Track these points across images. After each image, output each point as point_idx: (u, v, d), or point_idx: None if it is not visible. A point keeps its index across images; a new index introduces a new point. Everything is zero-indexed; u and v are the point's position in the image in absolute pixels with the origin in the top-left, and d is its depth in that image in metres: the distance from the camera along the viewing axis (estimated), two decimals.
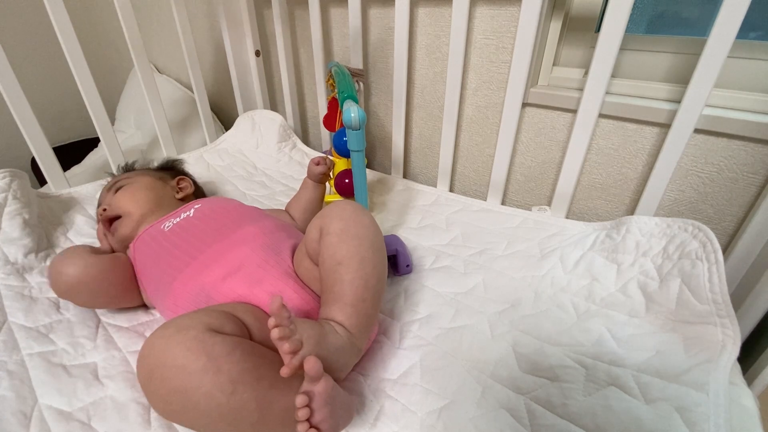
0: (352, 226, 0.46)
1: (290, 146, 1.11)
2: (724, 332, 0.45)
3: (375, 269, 0.45)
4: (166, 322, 0.39)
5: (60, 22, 0.79)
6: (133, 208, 0.64)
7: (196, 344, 0.35)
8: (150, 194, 0.67)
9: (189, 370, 0.34)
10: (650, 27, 0.69)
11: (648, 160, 0.67)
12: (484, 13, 0.74)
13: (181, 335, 0.36)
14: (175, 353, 0.35)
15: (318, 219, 0.49)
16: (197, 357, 0.35)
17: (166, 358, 0.35)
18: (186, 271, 0.51)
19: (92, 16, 1.69)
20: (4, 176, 0.69)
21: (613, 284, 0.56)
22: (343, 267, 0.44)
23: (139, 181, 0.69)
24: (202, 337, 0.36)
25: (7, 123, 0.85)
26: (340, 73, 0.69)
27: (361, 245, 0.45)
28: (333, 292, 0.43)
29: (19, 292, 0.58)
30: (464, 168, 0.91)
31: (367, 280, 0.44)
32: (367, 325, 0.45)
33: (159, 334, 0.37)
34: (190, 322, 0.37)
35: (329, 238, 0.45)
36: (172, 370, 0.35)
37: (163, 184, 0.72)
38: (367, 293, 0.44)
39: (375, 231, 0.48)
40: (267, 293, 0.48)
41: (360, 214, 0.48)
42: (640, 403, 0.41)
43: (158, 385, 0.35)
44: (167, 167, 0.82)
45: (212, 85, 1.38)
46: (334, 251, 0.44)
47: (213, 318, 0.39)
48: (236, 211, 0.62)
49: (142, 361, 0.37)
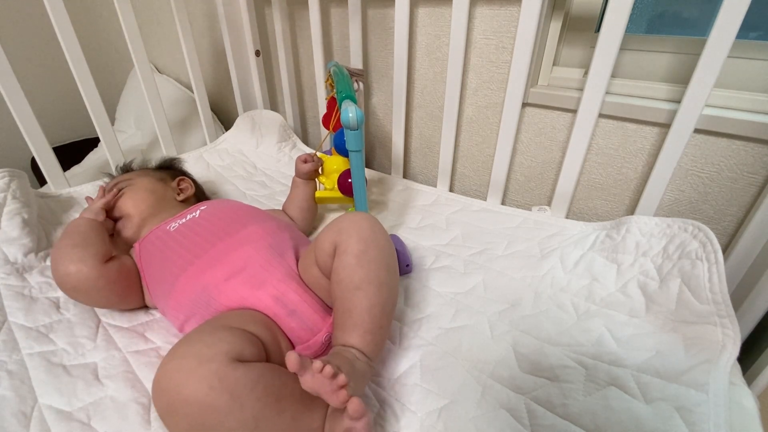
0: (372, 248, 0.45)
1: (290, 146, 1.11)
2: (724, 332, 0.45)
3: (391, 293, 0.46)
4: (183, 348, 0.37)
5: (60, 22, 0.79)
6: (133, 211, 0.64)
7: (218, 381, 0.34)
8: (150, 196, 0.66)
9: (212, 408, 0.33)
10: (650, 27, 0.69)
11: (648, 160, 0.67)
12: (484, 13, 0.74)
13: (203, 369, 0.34)
14: (196, 390, 0.33)
15: (333, 233, 0.47)
16: (220, 395, 0.33)
17: (187, 395, 0.34)
18: (189, 270, 0.52)
19: (92, 16, 1.68)
20: (3, 176, 0.69)
21: (613, 284, 0.56)
22: (361, 292, 0.43)
23: (139, 183, 0.68)
24: (224, 372, 0.35)
25: (7, 123, 0.85)
26: (339, 73, 0.69)
27: (379, 269, 0.45)
28: (352, 317, 0.43)
29: (18, 292, 0.58)
30: (464, 168, 0.91)
31: (384, 305, 0.44)
32: (382, 347, 0.46)
33: (177, 366, 0.35)
34: (210, 353, 0.36)
35: (347, 259, 0.44)
36: (194, 407, 0.33)
37: (164, 185, 0.71)
38: (384, 319, 0.44)
39: (391, 252, 0.48)
40: (270, 296, 0.48)
41: (378, 233, 0.47)
42: (640, 403, 0.41)
43: (179, 420, 0.34)
44: (167, 167, 0.81)
45: (212, 85, 1.38)
46: (352, 274, 0.44)
47: (233, 344, 0.37)
48: (241, 212, 0.62)
49: (161, 393, 0.35)
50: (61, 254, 0.52)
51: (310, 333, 0.48)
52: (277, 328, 0.47)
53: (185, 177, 0.77)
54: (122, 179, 0.70)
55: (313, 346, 0.47)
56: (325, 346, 0.48)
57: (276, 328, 0.47)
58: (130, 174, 0.72)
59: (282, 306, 0.48)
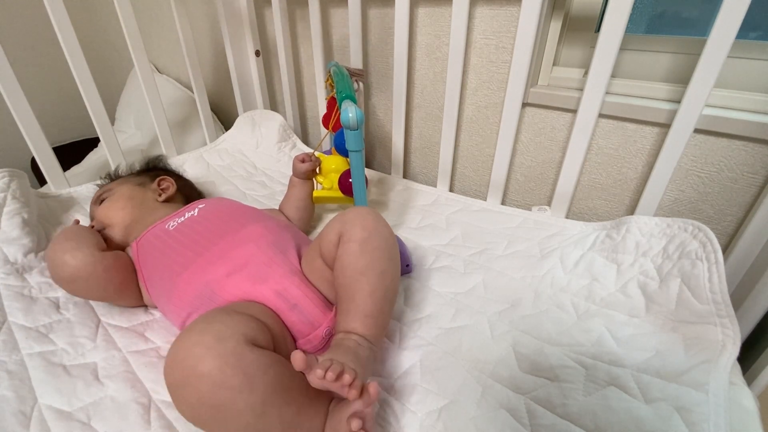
0: (375, 237, 0.47)
1: (290, 146, 1.11)
2: (724, 332, 0.45)
3: (393, 281, 0.47)
4: (202, 325, 0.37)
5: (60, 22, 0.79)
6: (115, 219, 0.64)
7: (235, 359, 0.34)
8: (128, 203, 0.66)
9: (225, 386, 0.34)
10: (650, 27, 0.69)
11: (648, 160, 0.67)
12: (484, 13, 0.74)
13: (220, 347, 0.35)
14: (212, 366, 0.34)
15: (338, 223, 0.49)
16: (234, 373, 0.34)
17: (202, 370, 0.34)
18: (191, 268, 0.52)
19: (92, 16, 1.69)
20: (3, 176, 0.69)
21: (613, 284, 0.56)
22: (364, 278, 0.45)
23: (118, 192, 0.68)
24: (241, 351, 0.35)
25: (7, 123, 0.85)
26: (338, 73, 0.69)
27: (382, 257, 0.46)
28: (354, 302, 0.44)
29: (18, 292, 0.58)
30: (464, 168, 0.91)
31: (386, 291, 0.46)
32: (384, 333, 0.47)
33: (197, 341, 0.35)
34: (228, 332, 0.36)
35: (351, 246, 0.46)
36: (208, 383, 0.34)
37: (143, 189, 0.71)
38: (386, 305, 0.46)
39: (393, 243, 0.49)
40: (272, 291, 0.48)
41: (381, 224, 0.49)
42: (640, 403, 0.41)
43: (190, 395, 0.35)
44: (148, 169, 0.81)
45: (212, 85, 1.38)
46: (356, 261, 0.45)
47: (249, 328, 0.38)
48: (240, 211, 0.62)
49: (176, 365, 0.35)
50: (55, 249, 0.52)
51: (310, 327, 0.48)
52: (281, 322, 0.47)
53: (166, 177, 0.75)
54: (104, 190, 0.70)
55: (314, 340, 0.48)
56: (326, 340, 0.49)
57: (280, 322, 0.47)
58: (111, 184, 0.72)
59: (284, 300, 0.48)
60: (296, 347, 0.47)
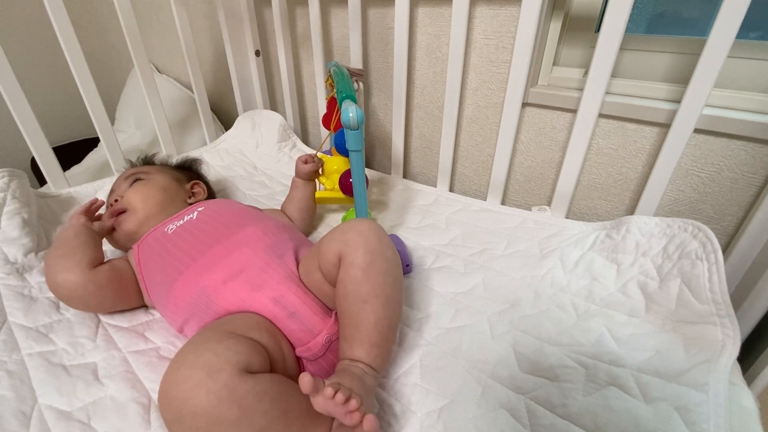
0: (378, 261, 0.45)
1: (290, 146, 1.11)
2: (724, 332, 0.45)
3: (397, 306, 0.46)
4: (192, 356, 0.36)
5: (60, 22, 0.79)
6: (140, 206, 0.63)
7: (228, 393, 0.34)
8: (161, 195, 0.66)
9: (221, 421, 0.33)
10: (650, 27, 0.69)
11: (648, 160, 0.67)
12: (484, 13, 0.74)
13: (212, 381, 0.34)
14: (205, 403, 0.33)
15: (339, 243, 0.46)
16: (230, 407, 0.33)
17: (196, 406, 0.33)
18: (186, 273, 0.51)
19: (92, 16, 1.69)
20: (3, 176, 0.69)
21: (613, 284, 0.56)
22: (368, 306, 0.43)
23: (156, 180, 0.68)
24: (234, 384, 0.34)
25: (7, 123, 0.85)
26: (339, 73, 0.69)
27: (386, 282, 0.45)
28: (359, 331, 0.43)
29: (18, 292, 0.58)
30: (464, 168, 0.91)
31: (391, 319, 0.45)
32: (389, 360, 0.47)
33: (186, 376, 0.34)
34: (219, 363, 0.35)
35: (354, 272, 0.44)
36: (203, 420, 0.33)
37: (178, 186, 0.71)
38: (391, 333, 0.45)
39: (396, 263, 0.48)
40: (269, 298, 0.48)
41: (383, 244, 0.47)
42: (640, 403, 0.41)
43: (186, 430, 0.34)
44: (185, 167, 0.81)
45: (212, 85, 1.38)
46: (359, 288, 0.44)
47: (241, 354, 0.37)
48: (239, 213, 0.62)
49: (168, 403, 0.35)
50: (49, 266, 0.53)
51: (310, 335, 0.47)
52: (278, 332, 0.46)
53: (199, 181, 0.76)
54: (140, 171, 0.69)
55: (313, 347, 0.47)
56: (326, 348, 0.47)
57: (277, 332, 0.46)
58: (150, 168, 0.72)
59: (282, 308, 0.47)
60: (295, 355, 0.47)
